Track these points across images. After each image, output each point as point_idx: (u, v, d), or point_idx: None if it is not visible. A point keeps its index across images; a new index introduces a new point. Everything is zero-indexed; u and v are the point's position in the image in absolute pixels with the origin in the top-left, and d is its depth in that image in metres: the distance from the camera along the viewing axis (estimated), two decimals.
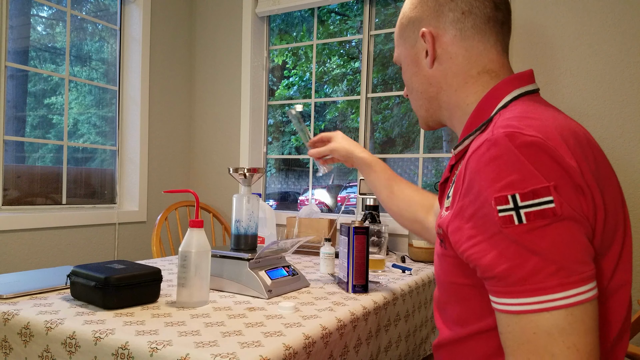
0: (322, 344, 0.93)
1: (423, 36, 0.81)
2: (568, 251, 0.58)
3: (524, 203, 0.59)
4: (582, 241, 0.59)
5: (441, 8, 0.80)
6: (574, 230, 0.59)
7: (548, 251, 0.58)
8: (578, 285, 0.57)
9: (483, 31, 0.78)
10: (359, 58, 2.59)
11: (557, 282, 0.57)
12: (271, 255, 1.26)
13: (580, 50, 1.89)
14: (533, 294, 0.58)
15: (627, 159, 1.81)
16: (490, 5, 0.78)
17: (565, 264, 0.58)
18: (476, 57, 0.79)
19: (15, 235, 2.06)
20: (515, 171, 0.60)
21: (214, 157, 2.83)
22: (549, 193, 0.58)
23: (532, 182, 0.59)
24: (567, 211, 0.59)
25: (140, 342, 0.82)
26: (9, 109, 2.14)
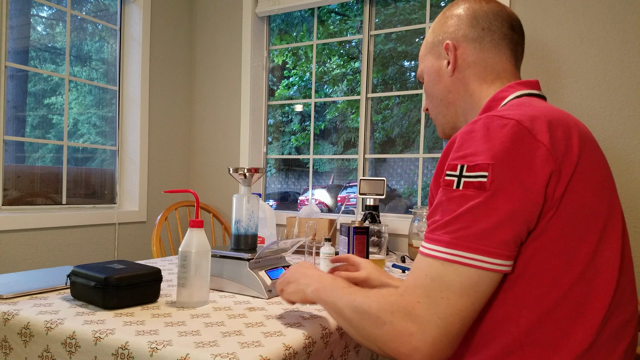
0: (322, 344, 0.93)
1: (447, 48, 0.93)
2: (474, 222, 0.67)
3: (466, 174, 0.70)
4: (502, 217, 0.67)
5: (464, 25, 0.91)
6: (499, 206, 0.67)
7: (458, 215, 0.69)
8: (466, 250, 0.67)
9: (499, 45, 0.90)
10: (359, 58, 2.59)
11: (448, 239, 0.68)
12: (271, 255, 1.26)
13: (580, 50, 1.89)
14: (433, 242, 0.70)
15: (628, 159, 1.81)
16: (507, 26, 0.90)
17: (464, 230, 0.68)
18: (491, 67, 0.90)
19: (15, 235, 2.06)
20: (472, 147, 0.71)
21: (214, 157, 2.83)
22: (487, 169, 0.68)
23: (480, 158, 0.69)
24: (495, 188, 0.68)
25: (140, 342, 0.82)
26: (9, 109, 2.14)
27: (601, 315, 0.70)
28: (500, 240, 0.67)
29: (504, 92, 0.86)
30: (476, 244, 0.67)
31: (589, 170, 0.72)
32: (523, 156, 0.68)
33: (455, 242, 0.68)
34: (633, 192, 1.80)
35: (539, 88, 0.89)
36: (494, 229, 0.67)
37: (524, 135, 0.69)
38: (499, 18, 0.90)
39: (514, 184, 0.67)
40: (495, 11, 0.90)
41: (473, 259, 0.67)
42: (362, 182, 2.11)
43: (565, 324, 0.70)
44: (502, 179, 0.67)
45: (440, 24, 0.95)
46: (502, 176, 0.68)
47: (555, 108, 0.79)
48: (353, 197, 2.59)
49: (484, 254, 0.67)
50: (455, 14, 0.93)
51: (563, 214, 0.69)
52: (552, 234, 0.70)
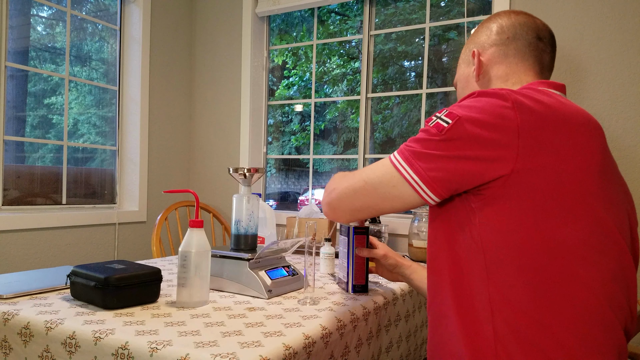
0: (322, 344, 0.93)
1: (473, 55, 0.99)
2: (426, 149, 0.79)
3: (440, 115, 0.81)
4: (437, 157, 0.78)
5: (492, 34, 0.98)
6: (440, 148, 0.78)
7: (419, 139, 0.82)
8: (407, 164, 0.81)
9: (523, 53, 0.95)
10: (359, 58, 2.59)
11: (402, 149, 0.84)
12: (271, 255, 1.26)
13: (580, 50, 1.89)
14: (397, 151, 0.85)
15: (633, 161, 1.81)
16: (532, 34, 0.95)
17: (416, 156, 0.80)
18: (514, 72, 0.95)
19: (15, 235, 2.06)
20: (459, 107, 0.80)
21: (214, 157, 2.83)
22: (453, 118, 0.78)
23: (458, 111, 0.79)
24: (448, 136, 0.77)
25: (140, 342, 0.82)
26: (9, 109, 2.14)
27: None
28: (436, 176, 0.79)
29: (527, 86, 0.90)
30: (416, 161, 0.80)
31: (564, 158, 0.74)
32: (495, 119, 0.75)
33: (404, 155, 0.83)
34: (634, 191, 1.80)
35: (563, 91, 0.91)
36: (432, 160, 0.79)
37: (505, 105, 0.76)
38: (525, 27, 0.95)
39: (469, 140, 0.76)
40: (522, 22, 0.96)
41: (407, 171, 0.82)
42: None
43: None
44: (459, 131, 0.77)
45: (475, 34, 1.03)
46: (461, 129, 0.77)
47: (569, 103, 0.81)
48: None
49: (417, 174, 0.80)
50: (487, 26, 1.00)
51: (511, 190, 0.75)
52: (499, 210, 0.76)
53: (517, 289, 0.74)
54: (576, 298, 0.73)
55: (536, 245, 0.73)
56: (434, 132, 0.79)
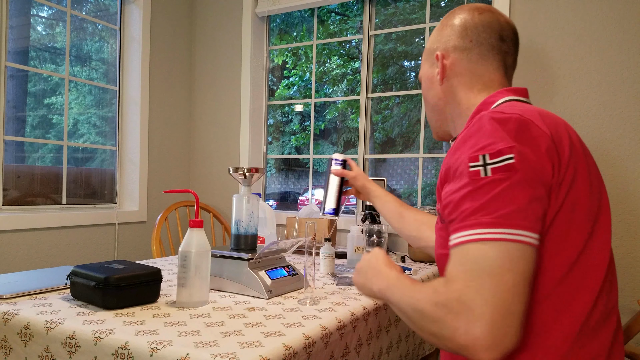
0: (322, 344, 0.93)
1: (437, 58, 0.98)
2: (511, 200, 0.69)
3: (491, 161, 0.72)
4: (532, 196, 0.70)
5: (455, 36, 0.96)
6: (528, 185, 0.70)
7: (493, 197, 0.70)
8: (510, 227, 0.68)
9: (486, 57, 0.94)
10: (359, 58, 2.59)
11: (490, 220, 0.69)
12: (271, 255, 1.26)
13: (578, 50, 1.89)
14: (471, 228, 0.70)
15: (629, 159, 1.81)
16: (495, 37, 0.93)
17: (503, 208, 0.69)
18: (478, 77, 0.94)
19: (15, 235, 2.06)
20: (489, 138, 0.74)
21: (214, 157, 2.83)
22: (511, 151, 0.71)
23: (500, 144, 0.72)
24: (524, 168, 0.71)
25: (140, 342, 0.82)
26: (9, 109, 2.14)
27: (591, 301, 0.74)
28: (536, 216, 0.70)
29: (493, 97, 0.90)
30: (518, 220, 0.68)
31: (579, 162, 0.77)
32: (534, 139, 0.73)
33: (497, 221, 0.68)
34: (633, 191, 1.80)
35: (526, 96, 0.92)
36: (530, 205, 0.69)
37: (529, 124, 0.75)
38: (488, 30, 0.93)
39: (536, 163, 0.72)
40: (486, 23, 0.93)
41: (517, 234, 0.68)
42: None
43: (557, 308, 0.73)
44: (527, 158, 0.71)
45: (437, 32, 1.00)
46: (526, 156, 0.71)
47: (543, 110, 0.83)
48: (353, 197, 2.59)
49: (526, 228, 0.68)
50: (450, 24, 0.97)
51: (562, 199, 0.73)
52: (556, 220, 0.73)
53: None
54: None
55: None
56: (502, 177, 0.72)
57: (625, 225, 1.81)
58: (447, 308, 0.68)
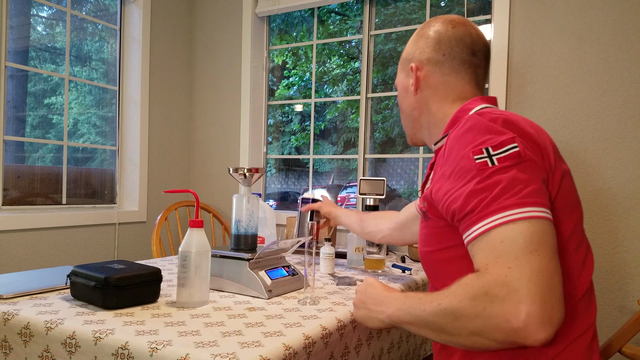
0: (322, 344, 0.93)
1: (412, 69, 1.02)
2: (526, 182, 0.72)
3: (495, 152, 0.75)
4: (539, 179, 0.74)
5: (429, 49, 1.00)
6: (534, 169, 0.75)
7: (509, 182, 0.72)
8: (532, 205, 0.70)
9: (458, 71, 0.98)
10: (359, 58, 2.59)
11: (514, 201, 0.70)
12: (271, 255, 1.26)
13: (580, 51, 1.89)
14: (495, 213, 0.71)
15: (629, 159, 1.81)
16: (467, 51, 0.98)
17: (522, 190, 0.71)
18: (452, 89, 0.99)
19: (15, 235, 2.06)
20: (486, 133, 0.78)
21: (214, 157, 2.83)
22: (513, 141, 0.75)
23: (500, 137, 0.76)
24: (528, 155, 0.75)
25: (140, 342, 0.82)
26: (9, 109, 2.14)
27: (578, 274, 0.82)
28: (547, 195, 0.75)
29: (469, 105, 0.94)
30: (538, 199, 0.71)
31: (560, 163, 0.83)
32: (527, 135, 0.79)
33: (522, 202, 0.70)
34: (633, 191, 1.80)
35: (496, 104, 0.98)
36: (542, 186, 0.74)
37: (516, 123, 0.80)
38: (460, 44, 0.97)
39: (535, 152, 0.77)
40: (459, 37, 0.97)
41: (541, 211, 0.70)
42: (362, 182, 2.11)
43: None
44: (528, 147, 0.76)
45: (413, 42, 1.04)
46: (527, 145, 0.77)
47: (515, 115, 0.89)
48: (353, 197, 2.59)
49: (546, 206, 0.72)
50: (425, 35, 1.01)
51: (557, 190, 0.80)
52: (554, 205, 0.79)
53: None
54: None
55: None
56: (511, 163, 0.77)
57: (625, 226, 1.81)
58: (489, 297, 0.66)
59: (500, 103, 2.02)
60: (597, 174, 1.86)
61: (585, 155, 1.88)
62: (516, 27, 2.00)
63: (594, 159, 1.86)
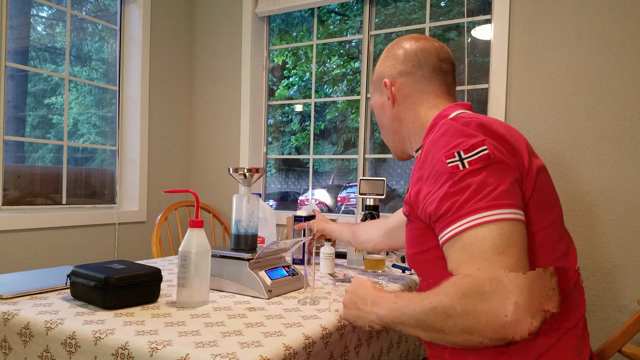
0: (322, 344, 0.93)
1: (385, 85, 1.08)
2: (496, 184, 0.75)
3: (466, 155, 0.78)
4: (509, 179, 0.76)
5: (397, 64, 1.07)
6: (504, 170, 0.77)
7: (479, 185, 0.75)
8: (501, 207, 0.73)
9: (429, 77, 1.04)
10: (359, 58, 2.59)
11: (484, 204, 0.73)
12: (271, 255, 1.26)
13: (580, 51, 1.89)
14: (466, 216, 0.74)
15: (629, 159, 1.81)
16: (434, 59, 1.05)
17: (492, 192, 0.74)
18: (426, 96, 1.04)
19: (15, 235, 2.06)
20: (459, 136, 0.81)
21: (214, 157, 2.83)
22: (483, 144, 0.78)
23: (472, 140, 0.79)
24: (498, 156, 0.77)
25: (140, 342, 0.82)
26: (9, 109, 2.14)
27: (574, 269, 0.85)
28: (519, 195, 0.77)
29: (446, 111, 0.98)
30: (507, 200, 0.74)
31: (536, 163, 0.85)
32: (499, 136, 0.81)
33: (492, 204, 0.73)
34: (633, 191, 1.80)
35: (471, 110, 1.01)
36: (513, 186, 0.76)
37: (489, 125, 0.83)
38: (426, 53, 1.04)
39: (507, 153, 0.79)
40: (423, 48, 1.05)
41: (512, 213, 0.74)
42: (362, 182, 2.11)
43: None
44: (498, 148, 0.78)
45: (381, 63, 1.11)
46: (497, 146, 0.79)
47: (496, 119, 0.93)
48: (353, 197, 2.59)
49: (516, 207, 0.75)
50: (392, 54, 1.08)
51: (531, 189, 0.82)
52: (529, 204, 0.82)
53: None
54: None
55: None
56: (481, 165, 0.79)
57: (625, 226, 1.81)
58: (479, 293, 0.69)
59: (500, 103, 2.03)
60: (597, 174, 1.86)
61: (585, 156, 1.88)
62: (516, 27, 2.00)
63: (593, 159, 1.86)
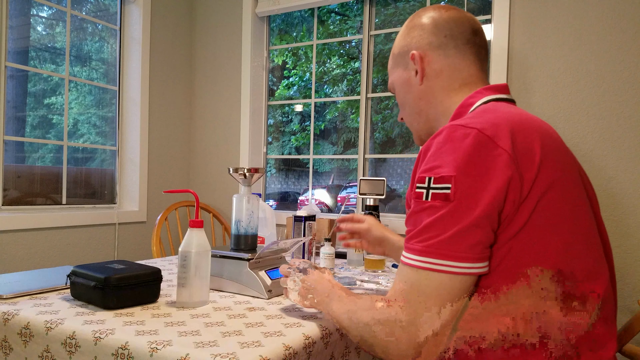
0: (322, 345, 0.93)
1: (413, 58, 0.95)
2: (445, 227, 0.72)
3: (433, 185, 0.74)
4: (468, 222, 0.71)
5: (427, 34, 0.94)
6: (465, 211, 0.71)
7: (429, 224, 0.73)
8: (438, 257, 0.71)
9: (463, 51, 0.92)
10: (359, 58, 2.59)
11: (423, 247, 0.73)
12: (271, 255, 1.26)
13: (580, 51, 1.89)
14: (410, 251, 0.75)
15: (630, 159, 1.81)
16: (469, 31, 0.93)
17: (437, 236, 0.72)
18: (458, 73, 0.92)
19: (15, 235, 2.06)
20: (439, 159, 0.75)
21: (214, 157, 2.83)
22: (450, 181, 0.72)
23: (444, 170, 0.73)
24: (459, 198, 0.71)
25: (140, 342, 0.82)
26: (9, 109, 2.14)
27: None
28: (467, 245, 0.71)
29: (472, 99, 0.88)
30: (445, 250, 0.71)
31: (554, 170, 0.75)
32: (484, 164, 0.72)
33: (427, 250, 0.72)
34: (633, 191, 1.80)
35: (507, 92, 0.90)
36: (460, 235, 0.71)
37: (485, 143, 0.73)
38: (459, 24, 0.92)
39: (476, 192, 0.71)
40: (456, 18, 0.93)
41: (444, 265, 0.71)
42: (362, 182, 2.11)
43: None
44: (464, 189, 0.72)
45: (405, 35, 0.97)
46: (464, 186, 0.72)
47: (520, 112, 0.81)
48: (353, 197, 2.59)
49: (453, 259, 0.71)
50: (418, 25, 0.95)
51: (528, 214, 0.73)
52: (523, 234, 0.73)
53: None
54: None
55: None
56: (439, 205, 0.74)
57: (625, 226, 1.81)
58: (384, 324, 0.76)
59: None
60: (598, 175, 1.85)
61: (585, 156, 1.88)
62: (516, 27, 2.00)
63: (594, 159, 1.86)
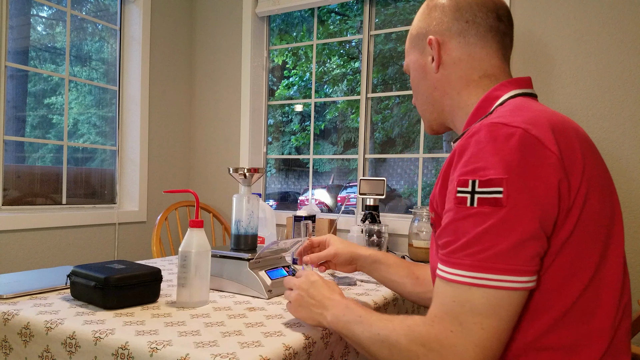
0: (322, 344, 0.93)
1: (430, 43, 0.87)
2: (497, 238, 0.63)
3: (480, 189, 0.65)
4: (517, 237, 0.63)
5: (447, 18, 0.85)
6: (517, 220, 0.64)
7: (478, 235, 0.64)
8: (493, 272, 0.63)
9: (485, 39, 0.84)
10: (359, 58, 2.59)
11: (473, 262, 0.64)
12: (271, 255, 1.26)
13: (580, 51, 1.89)
14: (455, 266, 0.66)
15: (629, 159, 1.81)
16: (492, 16, 0.84)
17: (489, 249, 0.64)
18: (478, 63, 0.84)
19: (15, 235, 2.06)
20: (482, 160, 0.66)
21: (214, 157, 2.83)
22: (501, 184, 0.64)
23: (492, 172, 0.65)
24: (512, 203, 0.63)
25: (140, 342, 0.82)
26: (9, 109, 2.14)
27: (611, 318, 0.69)
28: (525, 257, 0.64)
29: (497, 91, 0.81)
30: (501, 264, 0.63)
31: (593, 175, 0.70)
32: (535, 167, 0.65)
33: (479, 265, 0.64)
34: (635, 190, 1.80)
35: (531, 86, 0.84)
36: (517, 246, 0.63)
37: (534, 144, 0.66)
38: (483, 8, 0.83)
39: (530, 197, 0.64)
40: (480, 1, 0.84)
41: (500, 280, 0.63)
42: (362, 182, 2.11)
43: (576, 328, 0.68)
44: (517, 194, 0.64)
45: (424, 15, 0.89)
46: (518, 190, 0.64)
47: (553, 111, 0.75)
48: (353, 197, 2.59)
49: (511, 273, 0.63)
50: (439, 6, 0.87)
51: (573, 223, 0.67)
52: (567, 246, 0.67)
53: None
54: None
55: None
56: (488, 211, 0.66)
57: (625, 226, 1.81)
58: (428, 347, 0.67)
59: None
60: None
61: None
62: (516, 27, 2.00)
63: None
